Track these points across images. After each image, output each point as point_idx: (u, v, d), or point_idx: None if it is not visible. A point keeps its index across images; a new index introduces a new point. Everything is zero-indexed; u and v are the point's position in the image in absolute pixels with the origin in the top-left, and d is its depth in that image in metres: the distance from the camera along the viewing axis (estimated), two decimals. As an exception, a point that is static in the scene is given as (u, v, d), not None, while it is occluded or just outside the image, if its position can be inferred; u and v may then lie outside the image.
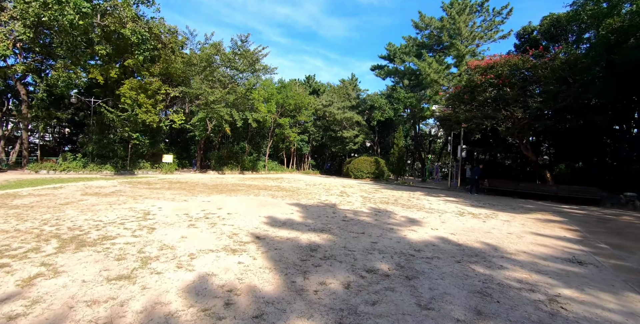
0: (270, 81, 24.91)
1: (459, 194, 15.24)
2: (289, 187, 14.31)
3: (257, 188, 12.97)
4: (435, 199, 12.24)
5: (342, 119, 28.28)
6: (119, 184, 12.37)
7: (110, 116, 18.75)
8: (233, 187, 12.82)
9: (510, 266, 4.12)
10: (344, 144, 29.66)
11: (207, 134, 23.25)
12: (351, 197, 10.98)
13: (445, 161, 50.58)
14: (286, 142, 30.59)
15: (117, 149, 20.67)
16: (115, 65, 18.74)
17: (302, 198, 10.06)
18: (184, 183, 14.08)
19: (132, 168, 20.53)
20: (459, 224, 6.97)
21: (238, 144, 28.66)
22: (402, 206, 9.32)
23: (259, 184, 15.08)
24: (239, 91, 19.46)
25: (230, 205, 7.90)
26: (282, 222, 6.00)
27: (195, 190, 11.24)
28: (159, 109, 18.99)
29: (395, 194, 13.43)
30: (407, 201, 10.94)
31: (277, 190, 12.48)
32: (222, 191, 11.16)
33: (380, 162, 25.24)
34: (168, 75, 21.45)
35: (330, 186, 16.46)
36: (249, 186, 13.77)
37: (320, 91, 36.70)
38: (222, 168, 24.75)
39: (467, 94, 13.74)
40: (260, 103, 21.12)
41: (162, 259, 3.65)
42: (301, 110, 29.09)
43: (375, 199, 10.97)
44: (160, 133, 21.65)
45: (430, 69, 19.91)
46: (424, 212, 8.41)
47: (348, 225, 6.08)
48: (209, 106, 18.53)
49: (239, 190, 11.85)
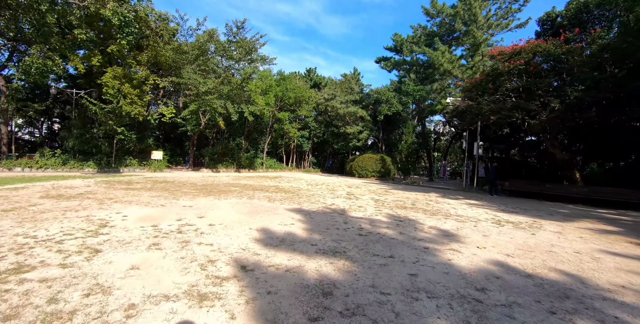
0: (269, 71, 23.40)
1: (477, 196, 13.80)
2: (288, 187, 12.86)
3: (252, 189, 11.51)
4: (456, 202, 10.79)
5: (345, 113, 26.78)
6: (93, 184, 10.91)
7: (93, 108, 17.25)
8: (225, 188, 11.36)
9: (625, 316, 2.69)
10: (347, 141, 28.19)
11: (200, 128, 21.75)
12: (361, 201, 9.53)
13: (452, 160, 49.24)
14: (285, 139, 29.10)
15: (101, 145, 19.19)
16: (97, 53, 17.19)
17: (304, 202, 8.60)
18: (170, 183, 12.62)
19: (118, 165, 19.06)
20: (505, 238, 5.53)
21: (234, 140, 27.17)
22: (424, 212, 7.87)
23: (255, 184, 13.62)
24: (234, 82, 17.93)
25: (215, 212, 6.44)
26: (279, 239, 4.54)
27: (180, 191, 9.77)
28: (146, 101, 17.47)
29: (408, 195, 11.98)
30: (425, 204, 9.49)
31: (274, 191, 11.02)
32: (210, 193, 9.70)
33: (387, 160, 23.80)
34: (157, 65, 19.91)
35: (335, 186, 15.01)
36: (244, 186, 12.31)
37: (322, 85, 35.17)
38: (217, 166, 23.28)
39: (491, 82, 12.25)
40: (258, 95, 19.62)
41: (76, 322, 2.19)
42: (302, 104, 27.57)
43: (389, 202, 9.52)
44: (149, 127, 20.14)
45: (443, 58, 18.41)
46: (453, 220, 6.96)
47: (368, 243, 4.63)
48: (200, 97, 17.02)
49: (231, 191, 10.39)
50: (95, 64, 16.85)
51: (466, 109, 12.87)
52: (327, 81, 35.49)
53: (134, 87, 16.54)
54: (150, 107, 20.78)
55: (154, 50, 18.16)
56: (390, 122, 32.36)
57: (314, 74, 35.28)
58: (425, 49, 20.72)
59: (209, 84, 16.74)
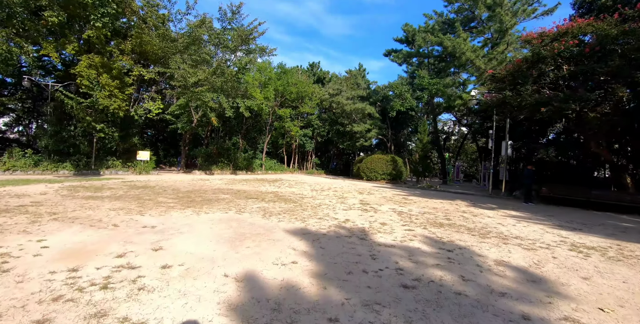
0: (268, 63, 21.56)
1: (511, 204, 11.89)
2: (289, 194, 11.00)
3: (245, 196, 9.66)
4: (494, 213, 8.90)
5: (352, 110, 24.92)
6: (54, 191, 9.13)
7: (69, 102, 15.49)
8: (212, 196, 9.52)
9: None
10: (354, 140, 26.30)
11: (192, 126, 19.96)
12: (381, 214, 7.66)
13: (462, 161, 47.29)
14: (287, 138, 27.28)
15: (79, 144, 17.45)
16: (73, 39, 15.44)
17: (309, 217, 6.74)
18: (150, 188, 10.80)
19: (98, 167, 17.31)
20: (616, 283, 3.68)
21: (230, 140, 25.37)
22: (470, 233, 6.00)
23: (251, 190, 11.78)
24: (228, 73, 16.10)
25: (183, 239, 4.60)
26: (271, 305, 2.68)
27: (153, 201, 7.95)
28: (128, 94, 15.70)
29: (434, 205, 10.09)
30: (463, 219, 7.61)
31: (272, 200, 9.17)
32: (191, 203, 7.86)
33: (398, 161, 21.90)
34: (144, 56, 18.13)
35: (343, 191, 13.15)
36: (236, 193, 10.47)
37: (326, 80, 33.33)
38: (211, 167, 21.48)
39: (535, 68, 10.35)
40: (255, 88, 17.76)
41: None
42: (304, 100, 25.73)
43: (417, 216, 7.64)
44: (134, 125, 18.37)
45: (465, 46, 16.53)
46: (518, 247, 5.09)
47: (424, 307, 2.76)
48: (189, 89, 15.22)
49: (219, 201, 8.55)
50: (70, 52, 15.11)
51: (503, 101, 10.98)
52: (332, 76, 33.65)
53: (113, 78, 14.76)
54: (138, 103, 19.00)
55: (139, 38, 16.38)
56: (398, 120, 30.47)
57: (317, 68, 33.43)
58: (442, 38, 18.82)
59: (199, 75, 14.93)
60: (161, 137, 35.49)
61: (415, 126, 31.66)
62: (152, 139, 35.75)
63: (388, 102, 29.09)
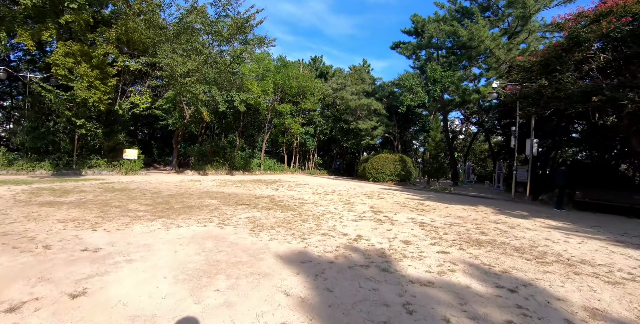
0: (267, 54, 20.20)
1: (542, 210, 10.49)
2: (288, 199, 9.65)
3: (235, 202, 8.32)
4: (532, 224, 7.51)
5: (357, 106, 23.51)
6: (11, 195, 7.85)
7: (48, 95, 14.20)
8: (196, 201, 8.18)
9: None
10: (359, 138, 24.90)
11: (183, 122, 18.64)
12: (400, 226, 6.29)
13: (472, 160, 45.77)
14: (287, 136, 25.93)
15: (60, 142, 16.20)
16: (51, 26, 14.14)
17: (311, 231, 5.38)
18: (127, 192, 9.48)
19: (80, 166, 16.04)
20: None
21: (226, 137, 24.05)
22: (521, 255, 4.63)
23: (243, 194, 10.43)
24: (221, 63, 14.73)
25: (127, 273, 3.27)
26: None
27: (122, 208, 6.62)
28: (111, 86, 14.38)
29: (458, 213, 8.70)
30: (501, 233, 6.23)
31: (267, 207, 7.81)
32: (167, 211, 6.53)
33: (407, 161, 20.52)
34: (131, 45, 16.81)
35: (350, 195, 11.78)
36: (225, 198, 9.13)
37: (329, 75, 31.92)
38: (205, 167, 20.17)
39: (572, 53, 8.94)
40: (252, 80, 16.40)
41: None
42: (306, 95, 24.35)
43: (443, 228, 6.27)
44: (119, 120, 17.07)
45: (484, 33, 15.09)
46: (595, 279, 3.72)
47: None
48: (175, 79, 13.88)
49: (202, 208, 7.21)
50: (46, 39, 13.82)
51: (537, 91, 9.58)
52: (335, 71, 32.26)
53: (93, 68, 13.44)
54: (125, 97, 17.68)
55: (124, 25, 15.07)
56: (405, 117, 29.06)
57: (319, 63, 32.03)
58: (457, 26, 17.40)
59: (188, 65, 13.59)
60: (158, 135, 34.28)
61: (422, 124, 30.25)
62: (146, 137, 34.56)
63: (395, 98, 27.67)
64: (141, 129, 32.56)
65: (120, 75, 17.40)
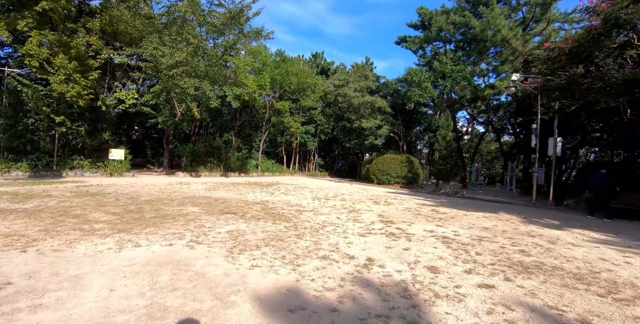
0: (264, 47, 19.10)
1: (572, 218, 9.29)
2: (282, 206, 8.50)
3: (220, 211, 7.17)
4: (572, 237, 6.33)
5: (361, 104, 22.38)
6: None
7: (25, 90, 13.16)
8: (175, 209, 7.05)
9: None
10: (362, 138, 23.75)
11: (174, 120, 17.55)
12: (419, 243, 5.13)
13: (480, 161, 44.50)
14: (286, 135, 24.80)
15: (39, 141, 15.14)
16: (28, 15, 13.11)
17: (307, 253, 4.23)
18: (100, 197, 8.37)
19: (61, 168, 14.98)
20: None
21: (221, 137, 22.94)
22: (586, 287, 3.47)
23: (233, 199, 9.30)
24: (212, 54, 13.63)
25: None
26: None
27: (80, 219, 5.50)
28: (92, 80, 13.30)
29: (481, 222, 7.52)
30: (545, 252, 5.07)
31: (256, 217, 6.67)
32: (131, 224, 5.40)
33: (414, 162, 19.35)
34: (117, 36, 15.77)
35: (353, 199, 10.61)
36: (211, 205, 7.99)
37: (330, 71, 30.85)
38: (198, 168, 19.08)
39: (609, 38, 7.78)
40: (246, 74, 15.24)
41: None
42: (306, 92, 23.22)
43: (473, 245, 5.11)
44: (104, 118, 15.99)
45: (501, 22, 13.90)
46: None
47: None
48: (161, 72, 12.78)
49: (177, 218, 6.07)
50: (22, 29, 12.77)
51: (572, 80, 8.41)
52: (337, 68, 31.19)
53: (71, 59, 12.38)
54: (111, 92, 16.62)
55: (108, 14, 14.02)
56: (410, 115, 27.90)
57: (320, 59, 30.93)
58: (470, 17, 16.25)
59: (176, 56, 12.49)
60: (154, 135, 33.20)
61: (428, 123, 29.09)
62: (140, 137, 33.52)
63: (399, 96, 26.54)
64: (134, 127, 31.56)
65: (107, 69, 16.39)
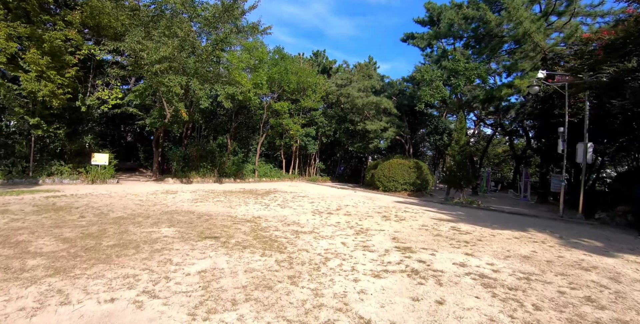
0: (261, 42, 17.98)
1: (617, 238, 8.05)
2: (276, 225, 7.31)
3: (199, 233, 5.97)
4: (636, 269, 5.10)
5: (365, 105, 21.23)
6: None
7: (-3, 89, 12.03)
8: (144, 232, 5.85)
9: None
10: (367, 141, 22.58)
11: (164, 122, 16.41)
12: (452, 289, 3.92)
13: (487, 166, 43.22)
14: (285, 138, 23.65)
15: (14, 144, 14.01)
16: (-1, 5, 12.02)
17: (303, 314, 3.04)
18: (65, 212, 7.19)
19: (38, 174, 13.85)
20: None
21: (215, 140, 21.78)
22: None
23: (219, 215, 8.09)
24: (202, 48, 12.48)
25: None
26: None
27: (17, 249, 4.31)
28: (69, 77, 12.19)
29: (515, 248, 6.29)
30: (613, 298, 3.86)
31: (241, 245, 5.46)
32: (75, 259, 4.21)
33: (423, 167, 18.18)
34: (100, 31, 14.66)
35: (360, 214, 9.41)
36: (191, 224, 6.79)
37: (332, 71, 29.74)
38: (189, 174, 17.91)
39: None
40: (240, 72, 14.05)
41: None
42: (306, 92, 22.08)
43: (522, 290, 3.91)
44: (85, 119, 14.86)
45: (523, 13, 12.70)
46: None
47: None
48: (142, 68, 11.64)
49: (142, 247, 4.88)
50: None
51: (616, 79, 7.23)
52: (339, 67, 30.09)
53: (44, 55, 11.26)
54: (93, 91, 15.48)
55: (88, 4, 12.93)
56: (415, 117, 26.76)
57: (322, 57, 29.83)
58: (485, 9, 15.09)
59: (161, 51, 11.37)
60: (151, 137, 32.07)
61: (435, 126, 27.93)
62: (133, 140, 32.43)
63: (405, 97, 25.42)
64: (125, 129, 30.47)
65: (90, 67, 15.30)
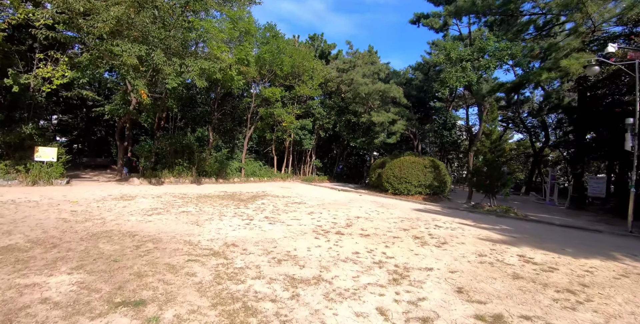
0: (248, 12, 15.26)
1: None
2: (257, 265, 4.86)
3: (110, 297, 3.49)
4: None
5: (371, 93, 18.80)
6: None
7: None
8: (20, 286, 3.35)
9: None
10: (372, 135, 20.20)
11: (128, 109, 13.79)
12: None
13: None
14: (277, 131, 21.14)
15: None
16: None
17: None
18: None
19: (-41, 173, 11.19)
20: None
21: (194, 132, 19.17)
22: None
23: (173, 242, 5.59)
24: (165, 9, 9.84)
25: None
26: None
27: None
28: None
29: (630, 300, 3.97)
30: None
31: (193, 310, 3.00)
32: None
33: (440, 167, 15.90)
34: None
35: (382, 234, 6.99)
36: (111, 264, 4.26)
37: (331, 56, 27.21)
38: (161, 173, 15.34)
39: None
40: (217, 43, 11.30)
41: None
42: (302, 78, 19.57)
43: None
44: (25, 103, 12.19)
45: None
46: None
47: None
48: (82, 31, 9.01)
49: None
50: None
51: None
52: (339, 53, 27.56)
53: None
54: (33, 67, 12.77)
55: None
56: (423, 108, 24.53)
57: (320, 41, 27.20)
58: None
59: (112, 11, 8.76)
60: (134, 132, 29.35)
61: (444, 119, 25.69)
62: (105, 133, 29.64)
63: (413, 87, 23.08)
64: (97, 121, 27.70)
65: (30, 38, 12.60)
